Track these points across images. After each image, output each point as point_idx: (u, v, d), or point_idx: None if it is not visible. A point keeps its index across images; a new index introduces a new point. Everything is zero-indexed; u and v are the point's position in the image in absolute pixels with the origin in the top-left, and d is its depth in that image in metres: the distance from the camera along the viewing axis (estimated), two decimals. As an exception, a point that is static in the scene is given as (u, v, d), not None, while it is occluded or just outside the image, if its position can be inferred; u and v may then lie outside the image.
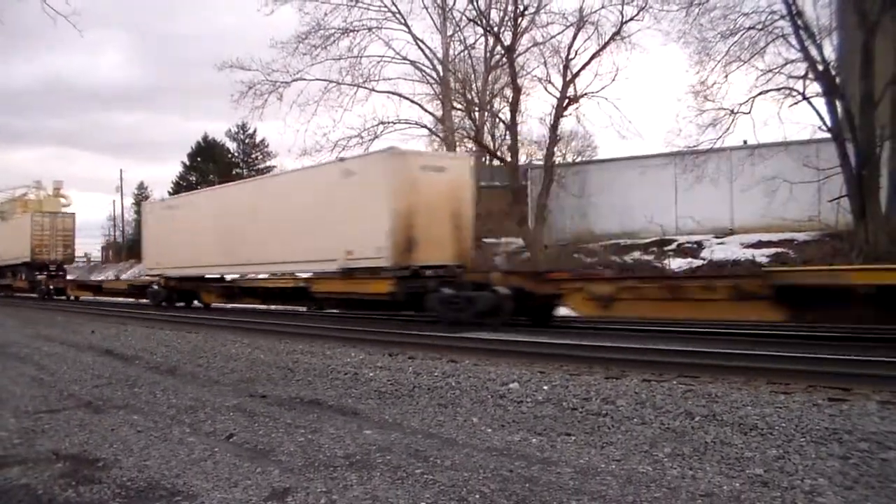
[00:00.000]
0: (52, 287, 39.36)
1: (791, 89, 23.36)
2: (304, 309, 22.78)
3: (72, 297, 37.80)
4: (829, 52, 23.36)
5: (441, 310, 16.05)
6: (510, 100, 32.24)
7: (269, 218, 21.26)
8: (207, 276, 26.14)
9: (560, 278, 15.55)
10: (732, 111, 24.39)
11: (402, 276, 16.91)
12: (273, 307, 24.55)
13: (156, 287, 27.85)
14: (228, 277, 25.82)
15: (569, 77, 30.54)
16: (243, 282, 25.23)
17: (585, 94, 30.61)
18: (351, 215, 17.95)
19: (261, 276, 24.04)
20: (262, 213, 21.73)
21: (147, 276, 29.27)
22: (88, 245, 77.39)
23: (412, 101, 33.86)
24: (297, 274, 21.55)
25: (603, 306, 14.11)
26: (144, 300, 29.10)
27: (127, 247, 72.28)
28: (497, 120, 34.94)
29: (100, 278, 40.46)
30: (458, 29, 33.33)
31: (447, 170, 18.26)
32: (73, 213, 45.95)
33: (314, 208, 19.24)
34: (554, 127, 30.97)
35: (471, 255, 18.63)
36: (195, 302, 27.90)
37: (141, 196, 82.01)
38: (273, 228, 20.97)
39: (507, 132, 32.96)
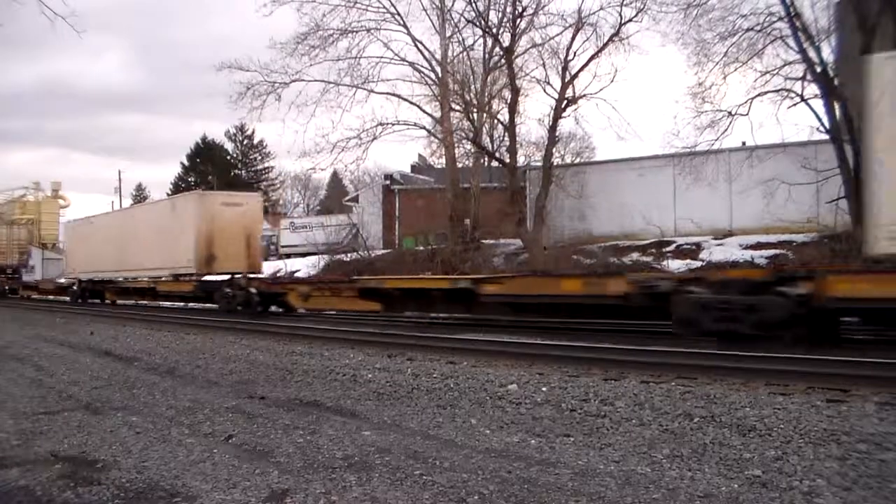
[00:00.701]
0: (7, 287, 46.53)
1: (789, 91, 23.42)
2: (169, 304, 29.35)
3: (24, 296, 44.31)
4: (828, 53, 23.41)
5: (222, 303, 23.34)
6: (509, 101, 32.22)
7: (137, 237, 28.34)
8: (107, 279, 32.09)
9: (282, 282, 24.20)
10: (731, 113, 24.43)
11: (200, 279, 24.87)
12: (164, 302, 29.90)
13: (74, 288, 34.09)
14: (121, 279, 31.53)
15: (567, 78, 30.54)
16: (128, 283, 31.16)
17: (584, 95, 30.59)
18: (175, 237, 25.16)
19: (140, 279, 29.42)
20: (134, 233, 28.79)
21: (67, 279, 35.74)
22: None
23: (411, 103, 33.81)
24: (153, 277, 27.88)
25: (304, 300, 20.75)
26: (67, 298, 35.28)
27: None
28: (496, 121, 34.87)
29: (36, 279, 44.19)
30: (456, 30, 33.29)
31: (242, 205, 25.89)
32: (30, 221, 52.92)
33: (158, 231, 26.59)
34: (552, 128, 30.94)
35: (259, 265, 26.27)
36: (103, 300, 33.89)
37: (139, 197, 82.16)
38: (139, 245, 27.98)
39: (506, 133, 32.91)
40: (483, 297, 16.05)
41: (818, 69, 22.50)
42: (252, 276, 24.17)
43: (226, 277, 23.90)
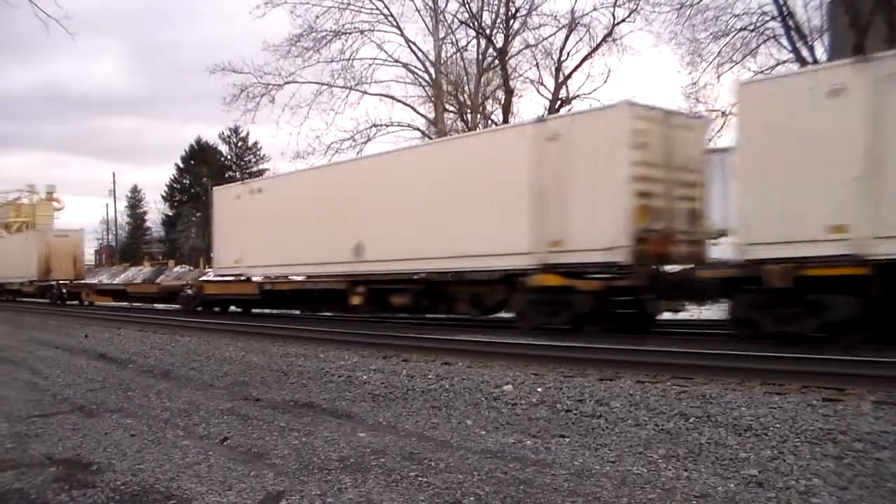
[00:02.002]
0: None
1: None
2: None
3: None
4: (821, 52, 23.49)
5: (50, 297, 37.43)
6: (502, 102, 32.38)
7: (8, 256, 42.71)
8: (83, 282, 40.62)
9: (87, 286, 38.43)
10: (724, 112, 24.48)
11: (41, 284, 38.62)
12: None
13: (54, 290, 37.99)
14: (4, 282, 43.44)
15: (561, 79, 30.72)
16: (6, 284, 42.99)
17: (577, 95, 30.83)
18: (31, 257, 39.17)
19: (13, 284, 42.24)
20: (5, 253, 44.00)
21: (46, 282, 39.89)
22: (82, 248, 77.27)
23: (404, 104, 33.89)
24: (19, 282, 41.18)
25: (99, 299, 35.32)
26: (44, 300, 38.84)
27: (120, 250, 72.28)
28: (489, 122, 34.93)
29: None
30: (450, 31, 33.39)
31: (69, 237, 41.33)
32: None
33: (18, 253, 41.51)
34: (547, 129, 30.96)
35: (83, 275, 41.20)
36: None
37: (135, 199, 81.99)
38: (9, 260, 41.83)
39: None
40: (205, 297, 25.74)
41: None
42: (65, 280, 38.24)
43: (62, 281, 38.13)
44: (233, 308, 25.75)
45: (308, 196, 21.05)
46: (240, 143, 75.17)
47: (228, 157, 76.14)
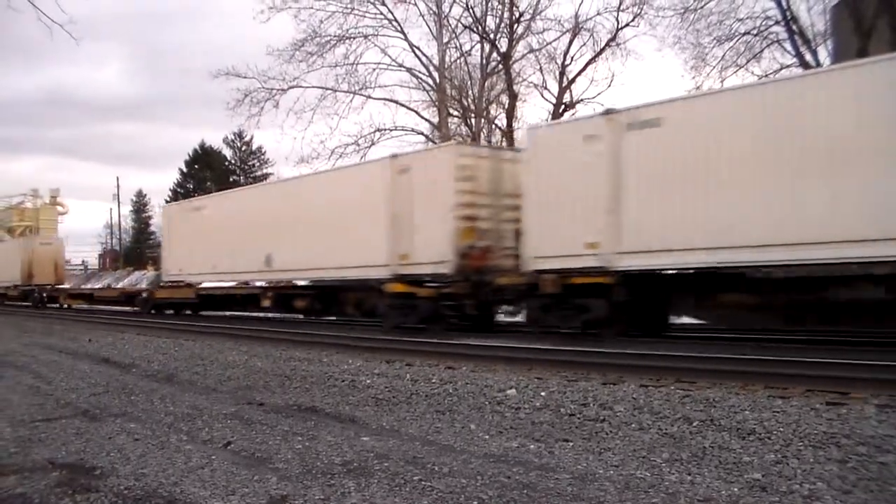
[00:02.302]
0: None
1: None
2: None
3: None
4: (825, 57, 23.48)
5: (31, 301, 39.95)
6: (506, 106, 32.41)
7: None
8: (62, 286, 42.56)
9: (63, 290, 41.34)
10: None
11: (24, 288, 41.13)
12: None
13: (35, 294, 41.18)
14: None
15: (565, 83, 30.76)
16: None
17: (581, 100, 30.86)
18: (12, 264, 41.86)
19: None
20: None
21: (29, 287, 42.35)
22: (86, 253, 77.39)
23: (408, 108, 33.94)
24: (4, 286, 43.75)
25: (73, 302, 40.50)
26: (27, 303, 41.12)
27: (125, 254, 72.34)
28: (493, 126, 35.00)
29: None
30: (454, 36, 33.42)
31: (52, 244, 44.61)
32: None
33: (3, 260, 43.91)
34: (550, 133, 30.98)
35: (63, 280, 43.02)
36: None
37: (139, 203, 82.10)
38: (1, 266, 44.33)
39: (504, 138, 32.98)
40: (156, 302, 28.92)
41: (815, 73, 22.53)
42: (47, 285, 41.16)
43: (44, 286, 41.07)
44: (199, 310, 27.66)
45: (234, 214, 24.25)
46: (244, 148, 75.29)
47: (232, 161, 76.28)
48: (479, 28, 32.19)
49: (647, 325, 14.22)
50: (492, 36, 32.22)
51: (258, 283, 22.65)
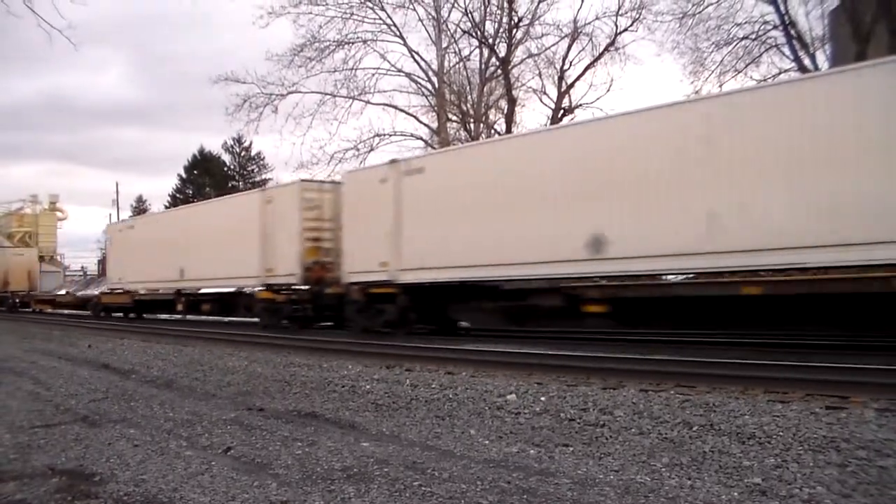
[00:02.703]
0: None
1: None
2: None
3: None
4: (823, 61, 23.51)
5: (6, 306, 42.46)
6: (505, 111, 32.43)
7: None
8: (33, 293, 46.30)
9: (33, 296, 45.12)
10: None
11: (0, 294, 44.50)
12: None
13: (10, 300, 44.49)
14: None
15: (563, 88, 30.79)
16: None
17: (580, 104, 30.89)
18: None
19: None
20: None
21: (4, 293, 45.86)
22: (86, 259, 77.40)
23: (407, 114, 33.96)
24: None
25: (42, 307, 43.04)
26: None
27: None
28: (493, 131, 34.97)
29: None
30: (453, 41, 33.44)
31: (24, 254, 48.99)
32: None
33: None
34: (549, 138, 30.99)
35: (37, 286, 46.24)
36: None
37: (139, 209, 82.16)
38: None
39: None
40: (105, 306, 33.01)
41: (814, 77, 22.55)
42: (21, 291, 45.45)
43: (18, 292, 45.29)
44: (165, 313, 31.36)
45: (156, 234, 28.97)
46: (243, 153, 75.24)
47: (231, 166, 76.26)
48: (478, 33, 32.25)
49: (437, 325, 17.96)
50: (491, 41, 32.28)
51: (175, 291, 27.05)
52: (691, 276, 13.73)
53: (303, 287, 20.34)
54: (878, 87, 10.66)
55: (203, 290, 26.09)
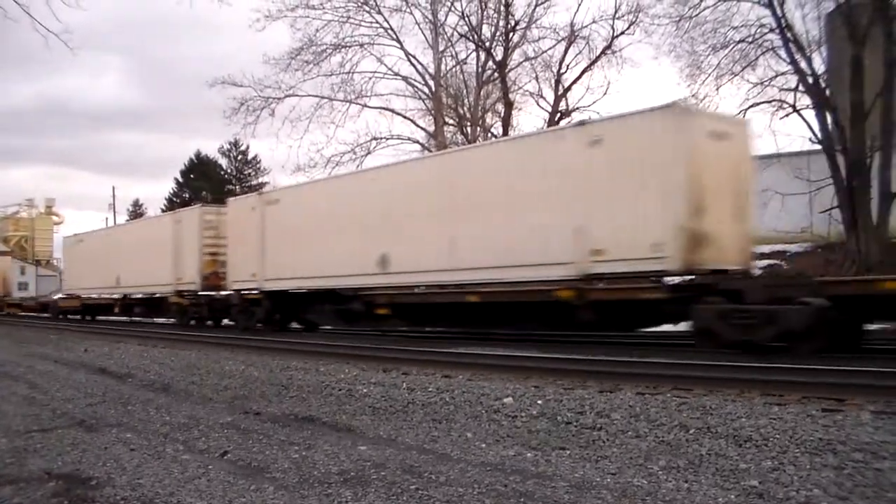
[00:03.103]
0: None
1: (782, 101, 23.52)
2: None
3: None
4: (819, 64, 23.51)
5: None
6: (502, 115, 32.46)
7: None
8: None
9: (4, 301, 48.37)
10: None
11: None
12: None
13: None
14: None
15: (560, 91, 30.81)
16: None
17: (577, 108, 30.89)
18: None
19: None
20: None
21: None
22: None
23: (404, 117, 33.99)
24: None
25: (11, 310, 45.89)
26: None
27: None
28: (489, 135, 34.98)
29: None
30: (449, 44, 33.47)
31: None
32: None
33: None
34: (546, 141, 30.96)
35: (10, 290, 50.14)
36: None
37: (136, 213, 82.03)
38: None
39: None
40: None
41: (810, 80, 22.61)
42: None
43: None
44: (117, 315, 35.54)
45: (100, 246, 34.15)
46: (239, 157, 75.18)
47: (228, 170, 76.20)
48: (475, 37, 32.27)
49: (300, 325, 23.09)
50: (487, 44, 32.31)
51: (114, 296, 32.54)
52: (436, 286, 17.80)
53: (202, 293, 25.33)
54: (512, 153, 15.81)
55: (134, 296, 31.21)
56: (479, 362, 12.09)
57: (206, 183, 71.68)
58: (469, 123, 33.46)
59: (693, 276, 12.99)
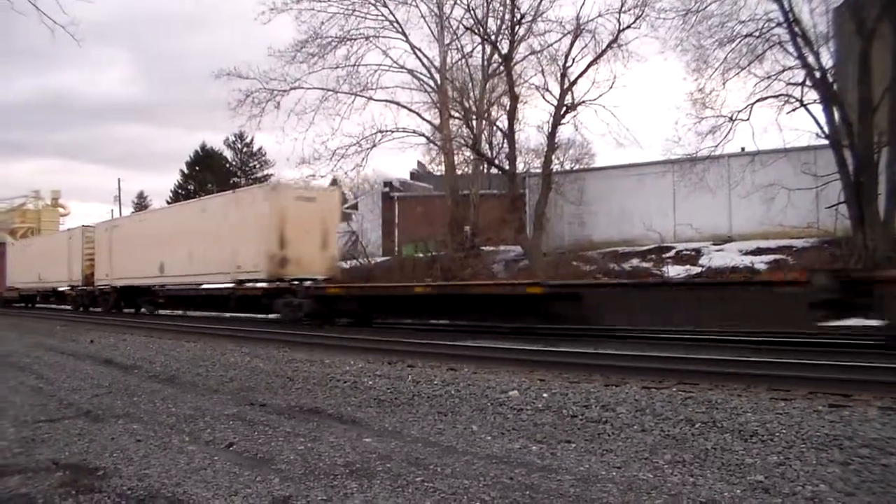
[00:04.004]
0: None
1: (789, 96, 23.40)
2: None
3: None
4: (827, 59, 23.42)
5: None
6: (508, 108, 32.29)
7: None
8: None
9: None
10: (731, 118, 24.42)
11: None
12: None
13: None
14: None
15: (566, 85, 30.60)
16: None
17: (583, 102, 30.66)
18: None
19: None
20: None
21: None
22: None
23: (410, 110, 33.91)
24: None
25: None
26: None
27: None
28: (495, 128, 34.90)
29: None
30: (455, 37, 33.36)
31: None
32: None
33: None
34: (551, 135, 30.98)
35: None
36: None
37: (140, 205, 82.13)
38: None
39: (505, 140, 32.92)
40: None
41: (817, 74, 22.52)
42: None
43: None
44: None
45: (28, 251, 46.23)
46: (245, 150, 75.32)
47: (233, 163, 76.30)
48: (481, 30, 32.12)
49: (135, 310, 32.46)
50: (493, 38, 32.14)
51: (38, 288, 43.35)
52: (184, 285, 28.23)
53: (82, 287, 35.93)
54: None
55: (50, 287, 41.33)
56: (484, 355, 12.11)
57: (211, 175, 71.76)
58: (475, 116, 33.37)
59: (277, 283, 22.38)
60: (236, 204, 24.12)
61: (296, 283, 22.33)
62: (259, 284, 23.40)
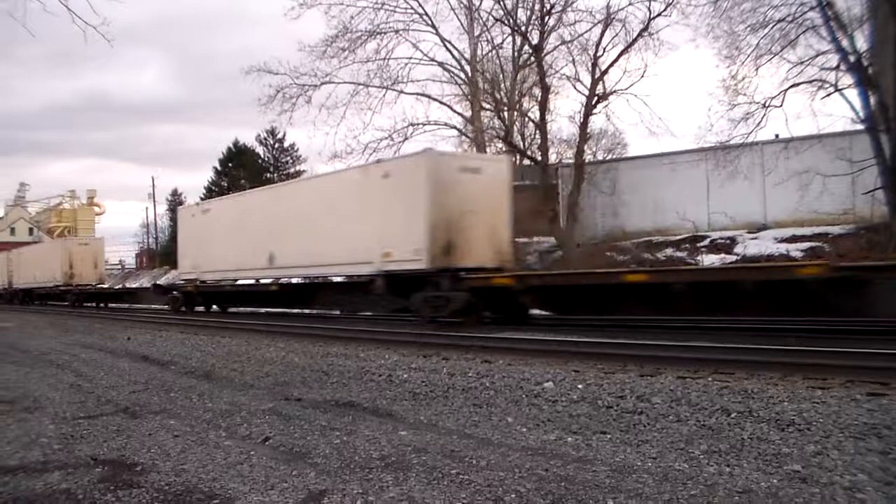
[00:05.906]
0: None
1: (823, 81, 23.07)
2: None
3: None
4: (862, 42, 23.06)
5: None
6: (539, 99, 32.18)
7: None
8: None
9: None
10: (764, 105, 24.13)
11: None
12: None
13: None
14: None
15: (597, 75, 30.45)
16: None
17: (614, 91, 30.49)
18: None
19: None
20: None
21: None
22: (124, 252, 78.27)
23: (441, 103, 33.96)
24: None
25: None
26: None
27: (161, 253, 72.85)
28: (526, 119, 34.85)
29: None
30: (485, 29, 33.32)
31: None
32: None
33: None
34: (583, 125, 30.85)
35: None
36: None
37: (175, 202, 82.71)
38: None
39: (537, 131, 32.84)
40: None
41: (852, 59, 22.17)
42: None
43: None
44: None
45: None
46: (276, 145, 75.46)
47: (265, 158, 76.56)
48: (511, 21, 32.04)
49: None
50: (523, 28, 32.03)
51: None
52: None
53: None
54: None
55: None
56: (518, 347, 12.08)
57: (243, 171, 72.06)
58: (506, 108, 33.33)
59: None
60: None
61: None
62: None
